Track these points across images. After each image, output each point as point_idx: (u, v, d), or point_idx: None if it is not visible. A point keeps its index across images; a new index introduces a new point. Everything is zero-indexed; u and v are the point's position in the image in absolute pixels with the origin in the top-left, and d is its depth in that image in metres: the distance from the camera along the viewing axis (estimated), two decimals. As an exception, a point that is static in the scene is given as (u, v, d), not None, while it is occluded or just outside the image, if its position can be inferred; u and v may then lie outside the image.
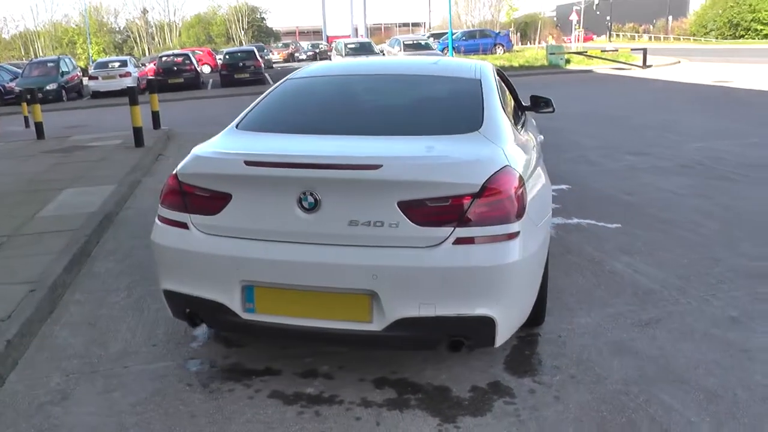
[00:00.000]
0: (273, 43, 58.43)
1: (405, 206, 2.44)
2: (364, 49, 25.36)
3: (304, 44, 52.68)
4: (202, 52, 36.80)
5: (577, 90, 16.22)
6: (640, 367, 2.88)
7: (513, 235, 2.48)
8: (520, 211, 2.53)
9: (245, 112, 3.37)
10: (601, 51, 27.25)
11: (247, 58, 24.37)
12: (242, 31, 65.93)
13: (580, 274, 3.97)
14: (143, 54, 56.32)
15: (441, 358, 2.98)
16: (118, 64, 23.17)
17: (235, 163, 2.62)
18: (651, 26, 60.82)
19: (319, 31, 73.68)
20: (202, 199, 2.69)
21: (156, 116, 11.66)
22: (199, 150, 2.90)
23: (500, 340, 2.56)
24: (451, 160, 2.55)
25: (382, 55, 25.52)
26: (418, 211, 2.44)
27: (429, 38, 32.99)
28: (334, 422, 2.56)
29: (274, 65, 38.21)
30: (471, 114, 3.05)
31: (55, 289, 3.96)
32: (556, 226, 4.87)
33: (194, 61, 25.03)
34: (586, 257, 4.26)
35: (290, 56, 46.92)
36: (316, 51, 47.06)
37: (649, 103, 12.95)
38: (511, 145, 2.86)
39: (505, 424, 2.49)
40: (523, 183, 2.63)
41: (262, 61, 26.10)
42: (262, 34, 67.63)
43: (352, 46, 26.55)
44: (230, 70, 23.82)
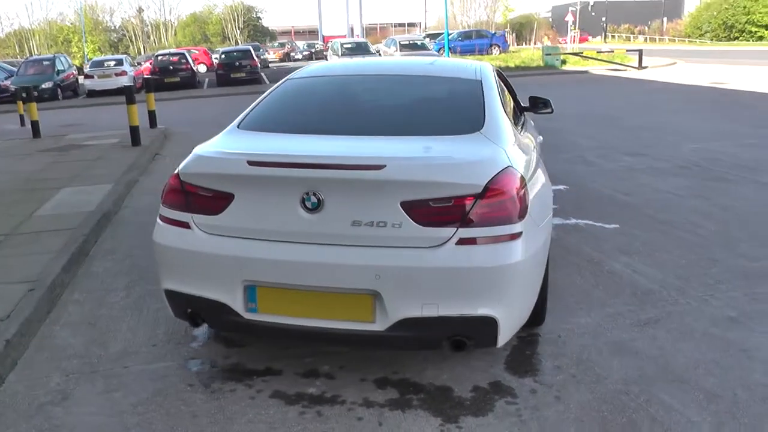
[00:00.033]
0: (269, 43, 58.33)
1: (408, 206, 2.44)
2: (361, 49, 25.41)
3: (300, 44, 52.65)
4: (198, 52, 36.69)
5: (573, 91, 16.25)
6: (640, 367, 2.89)
7: (515, 236, 2.49)
8: (523, 211, 2.54)
9: (246, 111, 3.36)
10: (596, 52, 27.33)
11: (244, 57, 24.38)
12: (238, 31, 65.81)
13: (579, 274, 3.98)
14: (138, 53, 56.13)
15: (442, 358, 2.99)
16: (114, 63, 23.12)
17: (238, 162, 2.62)
18: (646, 27, 61.03)
19: (315, 31, 73.59)
20: (205, 199, 2.68)
21: (152, 115, 11.64)
22: (201, 150, 2.89)
23: (502, 340, 2.57)
24: (454, 161, 2.56)
25: (379, 56, 25.54)
26: (421, 212, 2.44)
27: (425, 38, 33.02)
28: (336, 422, 2.56)
29: (270, 65, 38.16)
30: (472, 115, 3.06)
31: (54, 288, 3.95)
32: (555, 227, 4.87)
33: (190, 60, 24.99)
34: (584, 257, 4.27)
35: (286, 56, 46.86)
36: (312, 51, 47.07)
37: (645, 104, 13.00)
38: (513, 146, 2.87)
39: (506, 424, 2.50)
40: (524, 183, 2.64)
41: (259, 61, 26.08)
42: (258, 34, 67.51)
43: (349, 46, 26.58)
44: (226, 70, 23.82)
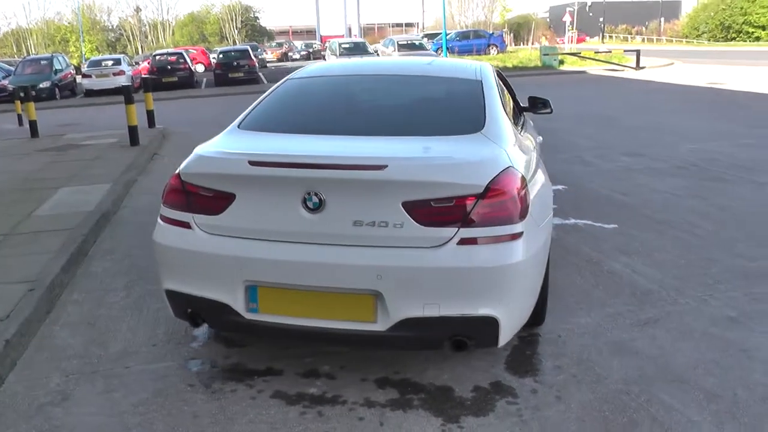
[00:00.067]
0: (266, 43, 58.27)
1: (409, 207, 2.45)
2: (359, 49, 25.40)
3: (298, 44, 52.63)
4: (195, 51, 36.63)
5: (571, 91, 16.27)
6: (640, 366, 2.89)
7: (516, 236, 2.49)
8: (524, 211, 2.54)
9: (247, 111, 3.36)
10: (594, 52, 27.36)
11: (242, 57, 24.36)
12: (236, 30, 65.70)
13: (579, 274, 3.99)
14: (136, 52, 56.02)
15: (443, 358, 2.99)
16: (112, 62, 23.07)
17: (240, 163, 2.62)
18: (644, 28, 61.13)
19: (313, 31, 73.56)
20: (206, 199, 2.68)
21: (151, 115, 11.63)
22: (202, 149, 2.89)
23: (503, 340, 2.57)
24: (455, 161, 2.56)
25: (377, 56, 25.53)
26: (423, 212, 2.44)
27: (423, 38, 33.02)
28: (337, 422, 2.56)
29: (268, 65, 38.14)
30: (473, 115, 3.07)
31: (53, 288, 3.94)
32: (554, 227, 4.86)
33: (188, 60, 24.95)
34: (584, 258, 4.28)
35: (284, 56, 46.83)
36: (310, 50, 47.06)
37: (643, 105, 13.02)
38: (513, 146, 2.87)
39: (508, 424, 2.50)
40: (525, 184, 2.65)
41: (257, 61, 26.05)
42: (256, 34, 67.39)
43: (347, 46, 26.57)
44: (224, 69, 23.79)
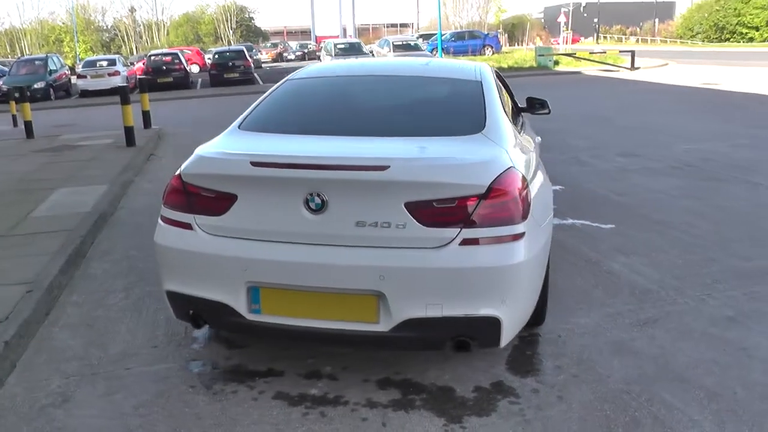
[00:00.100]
0: (261, 43, 58.20)
1: (412, 207, 2.45)
2: (354, 50, 25.40)
3: (293, 44, 52.58)
4: (190, 52, 36.58)
5: (566, 91, 16.31)
6: (640, 366, 2.91)
7: (518, 236, 2.50)
8: (525, 212, 2.55)
9: (247, 112, 3.35)
10: (589, 53, 27.45)
11: (237, 57, 24.34)
12: (231, 31, 65.55)
13: (578, 274, 4.00)
14: (131, 53, 55.80)
15: (443, 359, 3.00)
16: (107, 63, 23.00)
17: (242, 163, 2.61)
18: (638, 29, 61.31)
19: (308, 31, 73.49)
20: (207, 200, 2.68)
21: (147, 116, 11.59)
22: (203, 150, 2.89)
23: (505, 340, 2.58)
24: (458, 162, 2.57)
25: (372, 56, 25.54)
26: (425, 212, 2.45)
27: (418, 39, 33.05)
28: (340, 423, 2.56)
29: (263, 65, 38.10)
30: (473, 116, 3.07)
31: (52, 290, 3.93)
32: (552, 227, 4.90)
33: (183, 61, 24.91)
34: (582, 258, 4.29)
35: (279, 56, 46.81)
36: (305, 51, 47.04)
37: (638, 105, 13.07)
38: (514, 147, 2.88)
39: (511, 424, 2.51)
40: (527, 184, 2.66)
41: (252, 61, 26.02)
42: (251, 34, 67.30)
43: (342, 46, 26.56)
44: (220, 70, 23.77)
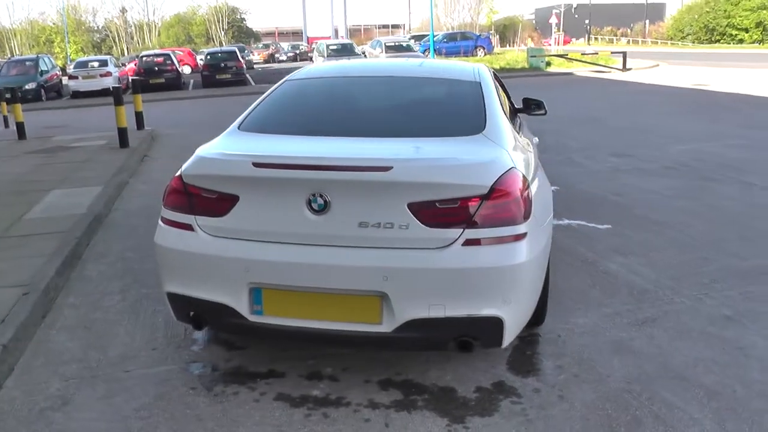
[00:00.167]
0: (253, 44, 58.07)
1: (415, 208, 2.45)
2: (346, 51, 25.39)
3: (285, 45, 52.53)
4: (182, 53, 36.41)
5: (558, 92, 16.38)
6: (640, 365, 2.92)
7: (520, 237, 2.51)
8: (527, 212, 2.56)
9: (246, 113, 3.35)
10: (581, 54, 27.58)
11: (229, 58, 24.29)
12: (222, 32, 65.35)
13: (575, 274, 4.01)
14: (122, 54, 55.55)
15: (444, 359, 3.00)
16: (98, 63, 22.84)
17: (243, 164, 2.61)
18: (629, 30, 61.69)
19: (299, 32, 73.43)
20: (208, 201, 2.67)
21: (140, 117, 11.54)
22: (204, 151, 2.88)
23: (507, 340, 2.58)
24: (460, 162, 2.58)
25: (364, 57, 25.53)
26: (428, 213, 2.45)
27: (410, 40, 33.07)
28: (343, 424, 2.56)
29: (255, 66, 38.01)
30: (473, 116, 3.08)
31: (48, 292, 3.90)
32: (549, 227, 4.92)
33: (175, 62, 24.78)
34: (579, 258, 4.31)
35: (270, 57, 46.73)
36: (297, 52, 47.00)
37: (630, 106, 13.15)
38: (514, 147, 2.89)
39: (514, 423, 2.52)
40: (528, 184, 2.67)
41: (244, 62, 25.95)
42: (242, 35, 67.13)
43: (334, 47, 26.54)
44: (212, 71, 23.70)
